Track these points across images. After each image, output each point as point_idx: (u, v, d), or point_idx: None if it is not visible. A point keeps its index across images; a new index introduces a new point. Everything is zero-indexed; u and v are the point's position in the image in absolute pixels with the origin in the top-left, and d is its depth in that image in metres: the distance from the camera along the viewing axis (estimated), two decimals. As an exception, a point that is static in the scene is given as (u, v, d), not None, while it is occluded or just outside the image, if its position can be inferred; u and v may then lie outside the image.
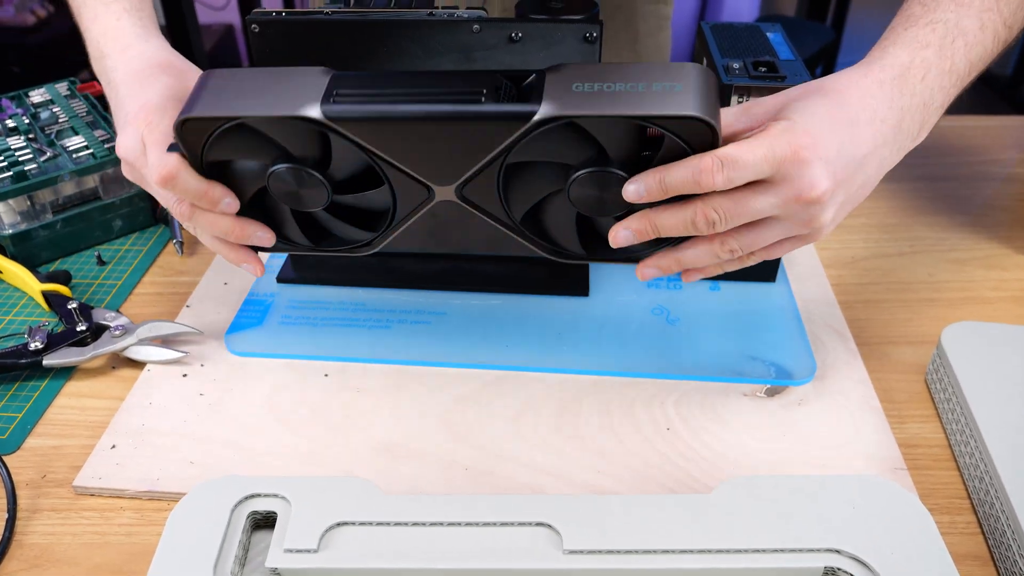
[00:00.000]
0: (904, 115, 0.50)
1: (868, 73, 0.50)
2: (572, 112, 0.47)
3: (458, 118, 0.48)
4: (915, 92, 0.50)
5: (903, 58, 0.50)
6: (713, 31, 0.68)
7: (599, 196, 0.50)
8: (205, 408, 0.59)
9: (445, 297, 0.68)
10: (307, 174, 0.51)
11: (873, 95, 0.49)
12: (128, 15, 0.61)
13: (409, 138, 0.50)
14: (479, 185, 0.53)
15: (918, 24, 0.52)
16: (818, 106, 0.48)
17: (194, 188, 0.52)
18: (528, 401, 0.59)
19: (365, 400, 0.59)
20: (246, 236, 0.55)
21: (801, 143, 0.46)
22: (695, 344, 0.63)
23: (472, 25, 0.59)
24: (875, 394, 0.59)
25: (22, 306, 0.71)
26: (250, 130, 0.51)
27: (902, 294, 0.71)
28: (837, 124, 0.47)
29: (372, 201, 0.56)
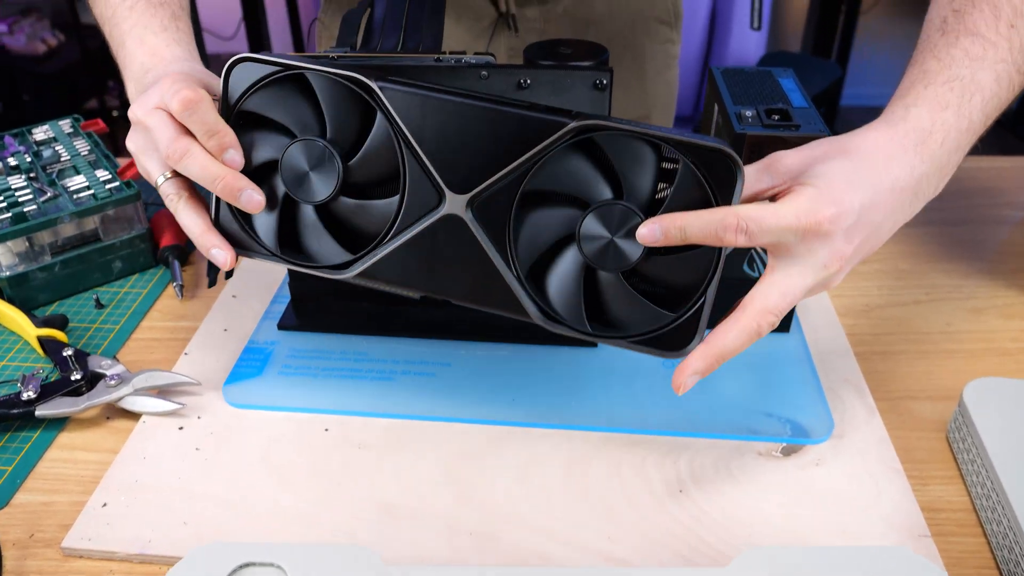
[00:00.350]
0: (922, 181, 0.50)
1: (893, 137, 0.50)
2: (606, 123, 0.48)
3: (499, 114, 0.49)
4: (934, 157, 0.50)
5: (924, 122, 0.50)
6: (724, 76, 0.67)
7: (610, 240, 0.49)
8: (200, 463, 0.57)
9: (450, 347, 0.66)
10: (329, 155, 0.52)
11: (896, 161, 0.49)
12: (177, 44, 0.62)
13: (444, 129, 0.50)
14: (491, 208, 0.52)
15: (936, 82, 0.51)
16: (844, 171, 0.48)
17: (211, 122, 0.52)
18: (535, 458, 0.57)
19: (366, 456, 0.58)
20: (236, 187, 0.53)
21: (826, 215, 0.46)
22: (707, 399, 0.61)
23: (480, 71, 0.58)
24: (895, 454, 0.57)
25: (17, 351, 0.69)
26: (293, 92, 0.52)
27: (920, 345, 0.69)
28: (860, 191, 0.48)
29: (370, 216, 0.53)
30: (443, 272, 0.53)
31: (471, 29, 0.92)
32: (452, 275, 0.53)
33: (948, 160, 0.51)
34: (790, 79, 0.66)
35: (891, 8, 2.98)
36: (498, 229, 0.52)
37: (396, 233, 0.53)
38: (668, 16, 0.97)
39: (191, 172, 0.53)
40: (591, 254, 0.49)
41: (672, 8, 0.97)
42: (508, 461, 0.57)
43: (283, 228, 0.55)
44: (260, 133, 0.54)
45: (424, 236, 0.53)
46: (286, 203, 0.55)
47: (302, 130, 0.53)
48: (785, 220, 0.46)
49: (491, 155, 0.50)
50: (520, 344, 0.67)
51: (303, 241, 0.55)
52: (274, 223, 0.55)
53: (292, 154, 0.52)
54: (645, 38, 0.95)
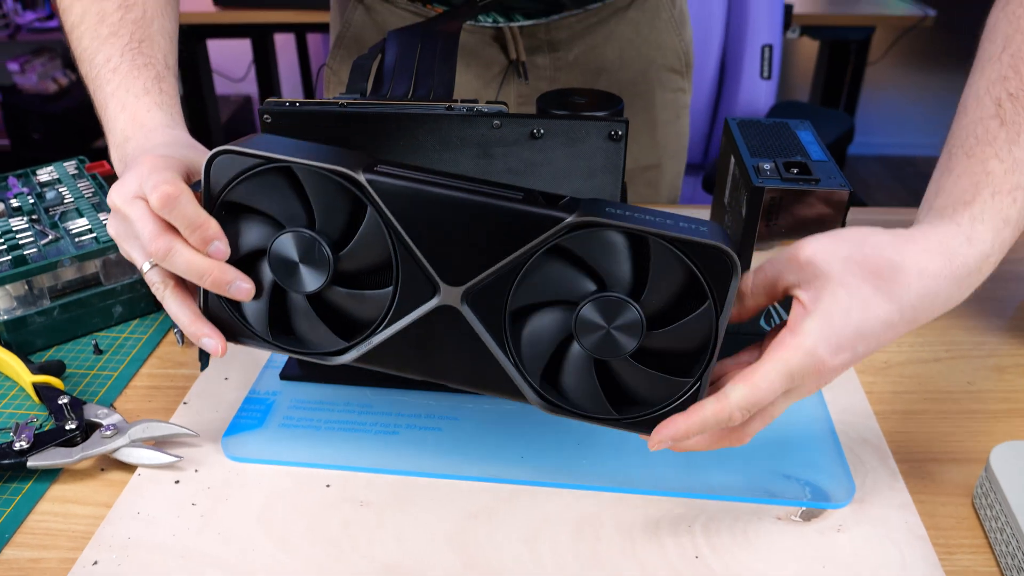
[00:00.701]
0: (949, 302, 0.47)
1: (945, 266, 0.46)
2: (602, 220, 0.46)
3: (493, 210, 0.47)
4: (974, 284, 0.47)
5: (987, 246, 0.47)
6: (740, 128, 0.66)
7: (606, 332, 0.48)
8: (196, 520, 0.55)
9: (457, 400, 0.64)
10: (318, 247, 0.50)
11: (936, 298, 0.46)
12: (159, 109, 0.60)
13: (436, 223, 0.49)
14: (486, 298, 0.50)
15: (1002, 190, 0.47)
16: (861, 308, 0.45)
17: (192, 216, 0.50)
18: (545, 520, 0.55)
19: (368, 515, 0.55)
20: (224, 280, 0.51)
21: (822, 361, 0.45)
22: (723, 459, 0.59)
23: (492, 120, 0.57)
24: (920, 520, 0.55)
25: (11, 397, 0.68)
26: (278, 183, 0.50)
27: (942, 404, 0.67)
28: (871, 325, 0.46)
29: (363, 306, 0.52)
30: (439, 358, 0.52)
31: (481, 76, 0.92)
32: (448, 361, 0.52)
33: (984, 277, 0.48)
34: (808, 131, 0.65)
35: (898, 59, 3.00)
36: (494, 318, 0.50)
37: (390, 322, 0.52)
38: (679, 65, 0.97)
39: (177, 268, 0.51)
40: (591, 346, 0.48)
41: (683, 57, 0.97)
42: (516, 522, 0.55)
43: (274, 314, 0.53)
44: (245, 221, 0.51)
45: (419, 324, 0.51)
46: (276, 289, 0.53)
47: (289, 220, 0.50)
48: (777, 383, 0.46)
49: (485, 248, 0.49)
50: (529, 398, 0.65)
51: (295, 327, 0.54)
52: (264, 309, 0.53)
53: (280, 245, 0.50)
54: (656, 87, 0.95)
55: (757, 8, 1.52)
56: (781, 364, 0.46)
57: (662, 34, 0.94)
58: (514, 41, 0.89)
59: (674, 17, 0.95)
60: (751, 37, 1.52)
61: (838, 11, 2.16)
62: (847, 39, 2.25)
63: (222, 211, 0.51)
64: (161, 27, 0.65)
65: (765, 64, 1.51)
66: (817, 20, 2.13)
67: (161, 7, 0.66)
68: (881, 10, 2.18)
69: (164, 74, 0.63)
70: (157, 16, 0.65)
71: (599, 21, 0.91)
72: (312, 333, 0.53)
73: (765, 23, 1.51)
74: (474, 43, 0.90)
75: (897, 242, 0.46)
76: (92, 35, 0.63)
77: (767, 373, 0.46)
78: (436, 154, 0.58)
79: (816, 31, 2.20)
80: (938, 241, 0.46)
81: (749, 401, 0.46)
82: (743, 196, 0.59)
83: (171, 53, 0.66)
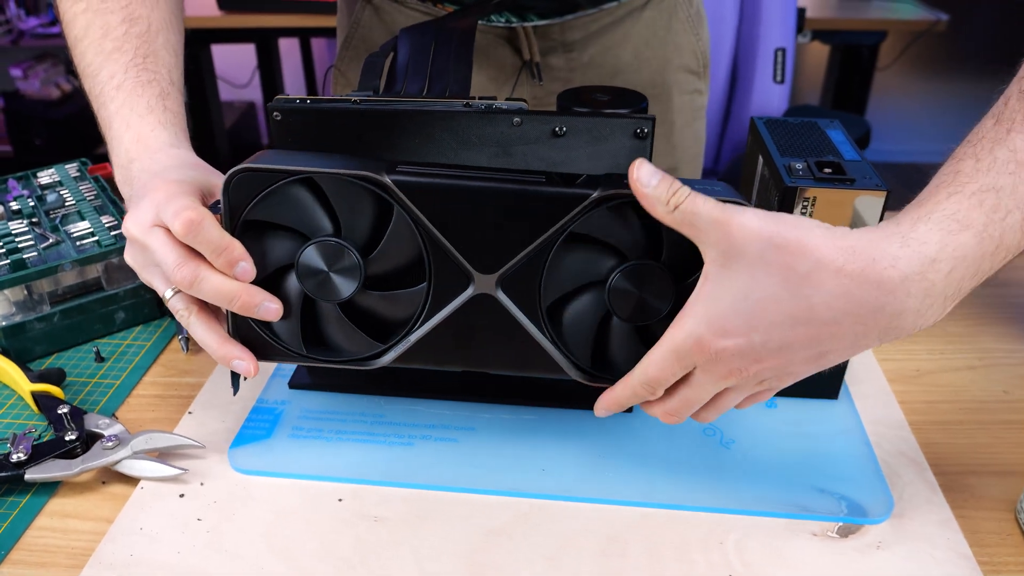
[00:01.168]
0: (903, 315, 0.42)
1: (867, 267, 0.41)
2: (628, 192, 0.47)
3: (519, 195, 0.49)
4: (931, 290, 0.42)
5: (930, 248, 0.41)
6: (768, 126, 0.64)
7: (638, 295, 0.50)
8: (202, 536, 0.52)
9: (473, 410, 0.62)
10: (347, 253, 0.50)
11: (850, 297, 0.41)
12: (163, 128, 0.59)
13: (464, 215, 0.49)
14: (520, 281, 0.51)
15: (964, 191, 0.42)
16: (761, 293, 0.43)
17: (216, 240, 0.49)
18: (568, 537, 0.52)
19: (382, 532, 0.53)
20: (253, 303, 0.50)
21: (705, 342, 0.45)
22: (754, 472, 0.56)
23: (512, 118, 0.54)
24: (962, 537, 0.52)
25: (9, 407, 0.65)
26: (298, 195, 0.50)
27: (977, 415, 0.64)
28: (770, 316, 0.43)
29: (397, 306, 0.52)
30: (478, 347, 0.53)
31: (494, 78, 0.90)
32: (487, 348, 0.53)
33: (959, 289, 0.43)
34: (838, 130, 0.63)
35: (909, 65, 2.98)
36: (528, 299, 0.51)
37: (427, 317, 0.52)
38: (696, 66, 0.94)
39: (205, 295, 0.50)
40: (627, 315, 0.50)
41: (700, 58, 0.94)
42: (538, 539, 0.52)
43: (306, 328, 0.53)
44: (268, 238, 0.51)
45: (456, 316, 0.52)
46: (305, 301, 0.52)
47: (312, 231, 0.50)
48: (667, 362, 0.46)
49: (515, 233, 0.50)
50: (548, 408, 0.62)
51: (329, 336, 0.53)
52: (296, 324, 0.53)
53: (308, 257, 0.50)
54: (673, 88, 0.93)
55: (770, 12, 1.49)
56: (667, 342, 0.46)
57: (679, 34, 0.92)
58: (527, 41, 0.87)
59: (691, 16, 0.92)
60: (764, 40, 1.50)
61: (850, 15, 2.14)
62: (859, 44, 2.23)
63: (243, 231, 0.51)
64: (166, 41, 0.63)
65: (778, 68, 1.49)
66: (830, 24, 2.11)
67: (166, 20, 0.64)
68: (893, 14, 2.16)
69: (169, 90, 0.61)
70: (162, 29, 0.63)
71: (614, 21, 0.88)
72: (347, 340, 0.53)
73: (778, 27, 1.49)
74: (486, 43, 0.87)
75: (825, 238, 0.42)
76: (96, 50, 0.61)
77: (656, 350, 0.47)
78: (453, 152, 0.56)
79: (828, 35, 2.18)
80: (868, 241, 0.42)
81: (645, 377, 0.48)
82: (774, 196, 0.56)
83: (176, 68, 0.64)
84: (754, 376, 0.46)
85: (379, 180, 0.49)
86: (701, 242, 0.45)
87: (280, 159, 0.50)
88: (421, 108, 0.55)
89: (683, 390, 0.48)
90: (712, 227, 0.43)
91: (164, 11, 0.64)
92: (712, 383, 0.47)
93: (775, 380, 0.47)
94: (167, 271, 0.50)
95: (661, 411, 0.50)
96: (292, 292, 0.52)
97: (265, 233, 0.51)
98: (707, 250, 0.44)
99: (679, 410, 0.49)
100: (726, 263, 0.44)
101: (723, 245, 0.43)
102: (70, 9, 0.63)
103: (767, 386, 0.48)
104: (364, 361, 0.53)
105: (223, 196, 0.50)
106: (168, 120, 0.59)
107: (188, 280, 0.49)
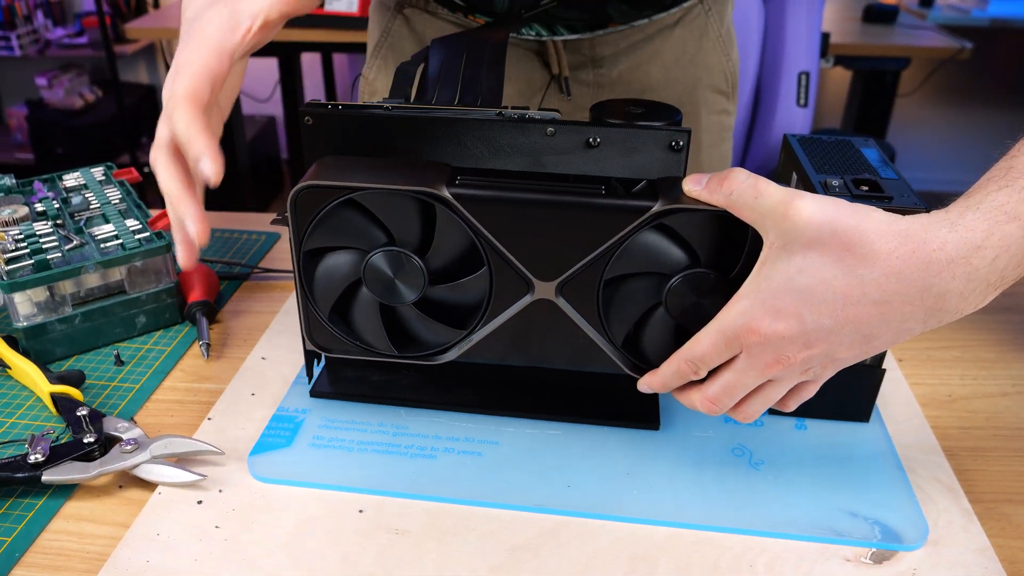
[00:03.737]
0: (947, 297, 0.44)
1: (918, 249, 0.43)
2: (687, 206, 0.48)
3: (579, 207, 0.50)
4: (974, 275, 0.43)
5: (976, 234, 0.42)
6: (802, 144, 0.63)
7: (695, 301, 0.51)
8: (219, 544, 0.51)
9: (498, 424, 0.60)
10: (406, 258, 0.52)
11: (901, 277, 0.43)
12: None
13: (525, 226, 0.51)
14: (579, 287, 0.52)
15: (1014, 186, 0.43)
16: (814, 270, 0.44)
17: (180, 132, 0.49)
18: (594, 556, 0.51)
19: (404, 545, 0.51)
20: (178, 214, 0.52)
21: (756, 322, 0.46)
22: (784, 493, 0.55)
23: (546, 128, 0.54)
24: (1001, 567, 0.51)
25: (28, 407, 0.64)
26: (358, 209, 0.52)
27: (1012, 442, 0.62)
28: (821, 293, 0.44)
29: (466, 292, 0.54)
30: (536, 346, 0.55)
31: (522, 92, 0.89)
32: (546, 347, 0.55)
33: (1002, 277, 0.44)
34: (873, 149, 0.62)
35: (931, 93, 2.97)
36: (588, 304, 0.53)
37: (488, 319, 0.54)
38: (725, 86, 0.94)
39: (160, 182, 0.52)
40: (681, 316, 0.52)
41: (729, 78, 0.94)
42: (563, 558, 0.51)
43: (390, 327, 0.56)
44: (331, 259, 0.54)
45: (516, 318, 0.54)
46: (383, 306, 0.55)
47: (370, 243, 0.53)
48: (713, 341, 0.48)
49: (574, 242, 0.51)
50: (573, 423, 0.61)
51: (414, 333, 0.56)
52: (379, 327, 0.56)
53: (371, 270, 0.53)
54: (702, 107, 0.92)
55: (795, 35, 1.49)
56: (718, 321, 0.47)
57: (709, 53, 0.91)
58: (557, 56, 0.86)
59: (721, 36, 0.92)
60: (788, 64, 1.50)
61: (874, 41, 2.13)
62: (883, 70, 2.22)
63: (307, 259, 0.54)
64: None
65: (802, 91, 1.48)
66: (853, 50, 2.10)
67: None
68: (917, 41, 2.15)
69: None
70: None
71: (645, 38, 0.88)
72: (430, 333, 0.56)
73: (803, 51, 1.48)
74: (515, 56, 0.87)
75: (880, 223, 0.44)
76: None
77: (706, 329, 0.48)
78: (485, 161, 0.55)
79: (850, 61, 2.17)
80: (920, 225, 0.43)
81: (691, 353, 0.49)
82: (809, 214, 0.55)
83: None
84: (800, 364, 0.46)
85: (439, 195, 0.50)
86: (761, 226, 0.46)
87: (336, 174, 0.52)
88: (454, 116, 0.54)
89: (725, 374, 0.49)
90: (773, 210, 0.45)
91: None
92: (756, 371, 0.47)
93: (819, 368, 0.48)
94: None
95: (700, 397, 0.50)
96: (367, 299, 0.55)
97: (326, 255, 0.53)
98: (767, 234, 0.46)
99: (719, 397, 0.49)
100: (785, 245, 0.45)
101: (783, 226, 0.45)
102: None
103: (811, 375, 0.48)
104: (433, 356, 0.56)
105: (290, 213, 0.53)
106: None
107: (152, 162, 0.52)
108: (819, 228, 0.44)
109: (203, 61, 0.51)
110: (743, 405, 0.50)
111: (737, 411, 0.51)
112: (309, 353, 0.59)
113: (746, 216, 0.47)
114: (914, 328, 0.45)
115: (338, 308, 0.56)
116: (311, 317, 0.56)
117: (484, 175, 0.52)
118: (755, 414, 0.51)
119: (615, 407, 0.61)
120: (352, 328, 0.56)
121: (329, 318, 0.56)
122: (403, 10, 0.87)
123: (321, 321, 0.56)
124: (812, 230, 0.44)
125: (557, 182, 0.51)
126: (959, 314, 0.45)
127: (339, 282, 0.54)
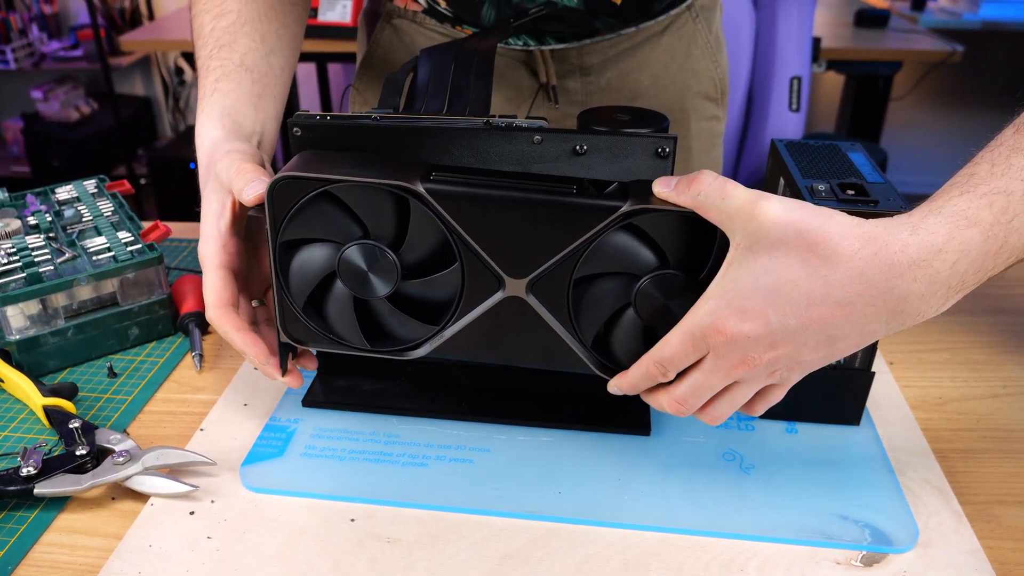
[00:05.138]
0: (909, 300, 0.44)
1: (880, 251, 0.43)
2: (656, 206, 0.49)
3: (550, 205, 0.50)
4: (935, 278, 0.43)
5: (937, 238, 0.43)
6: (789, 149, 0.63)
7: (664, 302, 0.50)
8: (212, 555, 0.51)
9: (489, 431, 0.61)
10: (380, 252, 0.52)
11: (863, 278, 0.43)
12: (217, 122, 0.62)
13: (497, 223, 0.51)
14: (550, 285, 0.52)
15: (976, 191, 0.44)
16: (780, 271, 0.44)
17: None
18: (585, 562, 0.51)
19: (396, 554, 0.51)
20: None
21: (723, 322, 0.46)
22: (775, 497, 0.55)
23: (532, 136, 0.54)
24: (991, 568, 0.51)
25: (21, 420, 0.64)
26: (334, 202, 0.52)
27: (1002, 444, 0.63)
28: (786, 293, 0.45)
29: (438, 288, 0.54)
30: (507, 343, 0.55)
31: (510, 100, 0.90)
32: (517, 345, 0.54)
33: (962, 281, 0.44)
34: (859, 153, 0.62)
35: (924, 96, 2.98)
36: (557, 301, 0.52)
37: (460, 315, 0.54)
38: (715, 92, 0.94)
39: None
40: (647, 315, 0.51)
41: (718, 84, 0.94)
42: (554, 564, 0.51)
43: (363, 322, 0.55)
44: (306, 251, 0.54)
45: (487, 315, 0.53)
46: (357, 303, 0.55)
47: (344, 236, 0.52)
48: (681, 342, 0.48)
49: (545, 240, 0.51)
50: (564, 430, 0.61)
51: (386, 328, 0.56)
52: (353, 321, 0.55)
53: (346, 261, 0.52)
54: (691, 114, 0.92)
55: (786, 40, 1.50)
56: (685, 323, 0.48)
57: (698, 60, 0.91)
58: (545, 65, 0.87)
59: (710, 43, 0.92)
60: (780, 69, 1.50)
61: (866, 45, 2.14)
62: (875, 74, 2.23)
63: (283, 251, 0.53)
64: (252, 29, 0.67)
65: (794, 96, 1.49)
66: (845, 54, 2.11)
67: (261, 11, 0.68)
68: (909, 45, 2.16)
69: (231, 71, 0.65)
70: (251, 20, 0.68)
71: (633, 46, 0.88)
72: (402, 328, 0.55)
73: (795, 56, 1.49)
74: (503, 65, 0.87)
75: (844, 225, 0.44)
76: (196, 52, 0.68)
77: (674, 331, 0.48)
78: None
79: (843, 65, 2.18)
80: (883, 228, 0.44)
81: (659, 355, 0.49)
82: (796, 218, 0.56)
83: (252, 50, 0.67)
84: (766, 365, 0.47)
85: (413, 190, 0.50)
86: (728, 227, 0.47)
87: (313, 167, 0.52)
88: (441, 125, 0.55)
89: (693, 375, 0.49)
90: (739, 211, 0.46)
91: (261, 4, 0.68)
92: (722, 371, 0.48)
93: (786, 371, 0.48)
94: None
95: (668, 399, 0.51)
96: (342, 293, 0.54)
97: (302, 247, 0.53)
98: (734, 234, 0.46)
99: (686, 397, 0.50)
100: (751, 246, 0.45)
101: (749, 227, 0.45)
102: (194, 20, 0.69)
103: (778, 378, 0.49)
104: (404, 351, 0.55)
105: (267, 204, 0.52)
106: (216, 103, 0.63)
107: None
108: (784, 229, 0.44)
109: (215, 263, 0.56)
110: (710, 407, 0.50)
111: (704, 413, 0.51)
112: (284, 346, 0.58)
113: (713, 217, 0.47)
114: (877, 330, 0.46)
115: (313, 301, 0.55)
116: (286, 309, 0.56)
117: (459, 172, 0.52)
118: (722, 416, 0.51)
119: (606, 413, 0.62)
120: (326, 321, 0.56)
121: (304, 310, 0.55)
122: (392, 20, 0.88)
123: (296, 313, 0.56)
124: (777, 231, 0.44)
125: (530, 180, 0.51)
126: (921, 317, 0.45)
127: (314, 275, 0.54)
